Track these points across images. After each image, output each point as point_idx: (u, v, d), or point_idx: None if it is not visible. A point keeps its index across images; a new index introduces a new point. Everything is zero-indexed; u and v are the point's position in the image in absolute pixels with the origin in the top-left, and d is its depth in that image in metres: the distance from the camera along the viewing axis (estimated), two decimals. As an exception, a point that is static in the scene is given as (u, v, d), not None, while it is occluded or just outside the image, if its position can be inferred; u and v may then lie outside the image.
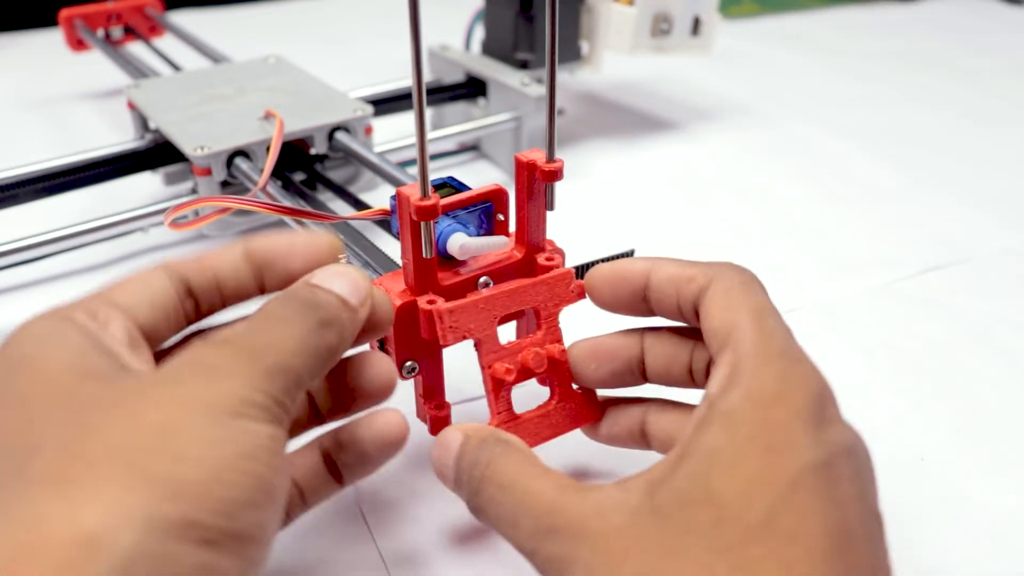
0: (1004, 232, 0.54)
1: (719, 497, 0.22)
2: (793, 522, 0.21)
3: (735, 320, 0.26)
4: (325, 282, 0.26)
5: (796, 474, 0.22)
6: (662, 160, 0.63)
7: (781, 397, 0.24)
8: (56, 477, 0.19)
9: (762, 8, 0.98)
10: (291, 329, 0.24)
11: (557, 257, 0.32)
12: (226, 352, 0.23)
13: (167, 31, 0.73)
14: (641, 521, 0.23)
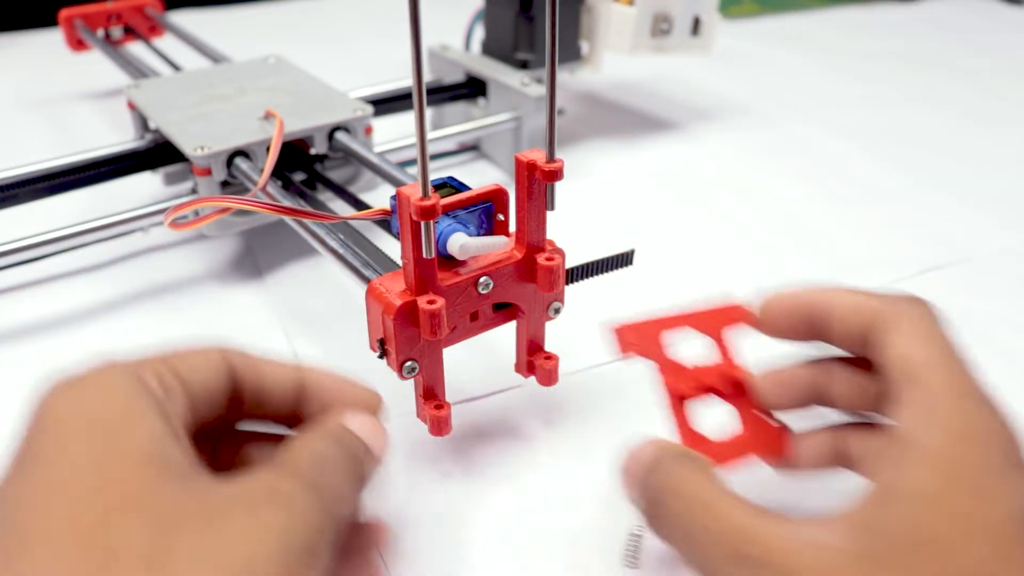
0: (1004, 232, 0.54)
1: (937, 542, 0.22)
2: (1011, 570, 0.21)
3: (925, 356, 0.26)
4: (358, 429, 0.27)
5: (1003, 519, 0.22)
6: (662, 160, 0.63)
7: (979, 437, 0.23)
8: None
9: (762, 8, 0.98)
10: (344, 478, 0.25)
11: (557, 257, 0.32)
12: (299, 488, 0.23)
13: (167, 31, 0.73)
14: (851, 563, 0.22)
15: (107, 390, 0.23)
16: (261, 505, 0.22)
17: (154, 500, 0.21)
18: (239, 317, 0.45)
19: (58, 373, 0.24)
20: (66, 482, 0.21)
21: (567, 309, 0.35)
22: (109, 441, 0.22)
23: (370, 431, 0.27)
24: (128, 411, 0.22)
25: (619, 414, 0.38)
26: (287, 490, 0.23)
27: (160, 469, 0.21)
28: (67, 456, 0.21)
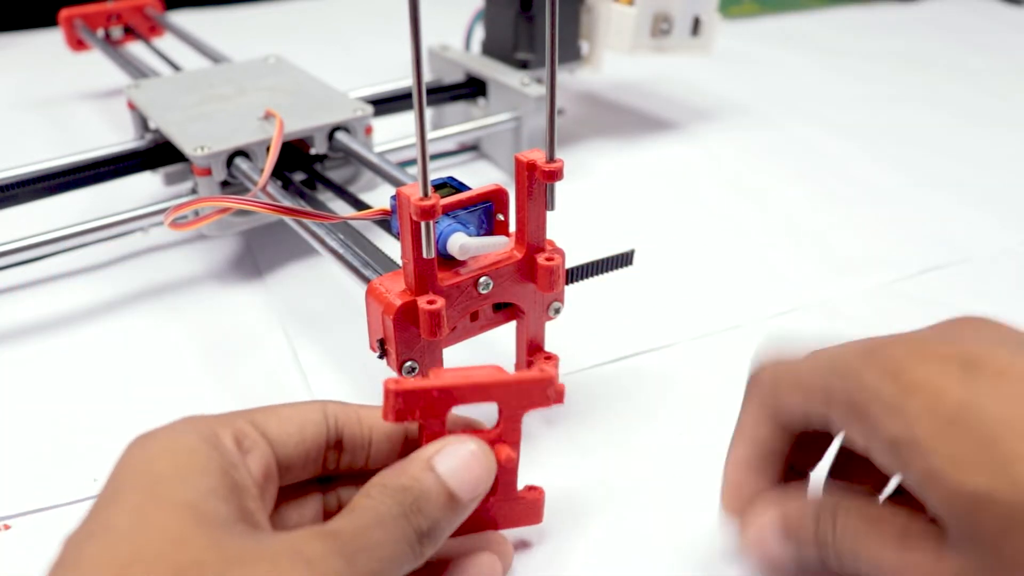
0: (1004, 232, 0.54)
1: None
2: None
3: None
4: (445, 469, 0.26)
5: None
6: (662, 160, 0.63)
7: None
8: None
9: (762, 8, 0.98)
10: (390, 535, 0.24)
11: (557, 257, 0.32)
12: (326, 549, 0.23)
13: (167, 31, 0.73)
14: None
15: (173, 444, 0.24)
16: (282, 562, 0.22)
17: (178, 549, 0.22)
18: (239, 317, 0.45)
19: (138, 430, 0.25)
20: (109, 525, 0.22)
21: (567, 309, 0.35)
22: (156, 491, 0.23)
23: (461, 471, 0.26)
24: (184, 464, 0.23)
25: (619, 414, 0.38)
26: (311, 552, 0.23)
27: (197, 520, 0.22)
28: (117, 503, 0.23)
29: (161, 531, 0.22)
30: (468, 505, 0.26)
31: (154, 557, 0.21)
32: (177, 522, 0.22)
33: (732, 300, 0.46)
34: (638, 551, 0.32)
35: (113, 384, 0.41)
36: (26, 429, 0.38)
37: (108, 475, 0.24)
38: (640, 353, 0.42)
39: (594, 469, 0.35)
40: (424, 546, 0.25)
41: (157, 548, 0.21)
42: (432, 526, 0.25)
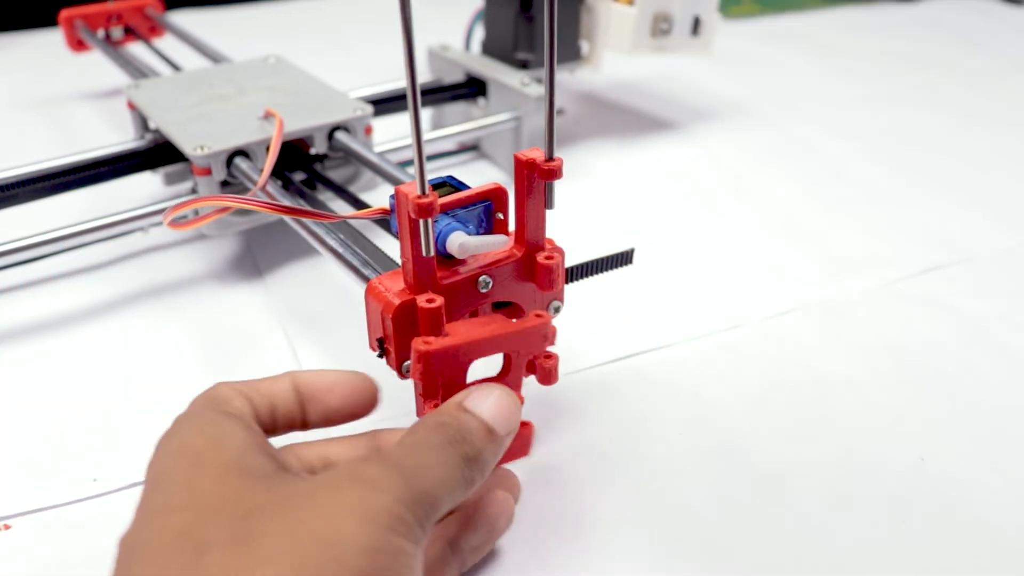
0: (1004, 232, 0.54)
1: None
2: None
3: None
4: (476, 407, 0.27)
5: None
6: (662, 160, 0.63)
7: None
8: (228, 569, 0.21)
9: (762, 8, 0.98)
10: (440, 459, 0.25)
11: (556, 256, 0.32)
12: (382, 468, 0.24)
13: (167, 31, 0.73)
14: None
15: (196, 421, 0.26)
16: (343, 485, 0.23)
17: (237, 499, 0.23)
18: (239, 317, 0.45)
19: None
20: (163, 504, 0.23)
21: (567, 308, 0.35)
22: (196, 462, 0.24)
23: (493, 408, 0.27)
24: (213, 434, 0.25)
25: (619, 414, 0.38)
26: (369, 471, 0.24)
27: (243, 474, 0.24)
28: (164, 484, 0.24)
29: (215, 492, 0.23)
30: (505, 440, 0.27)
31: (215, 513, 0.22)
32: (226, 481, 0.23)
33: (732, 300, 0.46)
34: (639, 550, 0.32)
35: (113, 384, 0.41)
36: (26, 429, 0.38)
37: (145, 475, 0.25)
38: (640, 353, 0.42)
39: (594, 468, 0.35)
40: (473, 471, 0.26)
41: (215, 505, 0.23)
42: (477, 454, 0.26)
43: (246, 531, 0.22)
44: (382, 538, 0.22)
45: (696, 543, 0.32)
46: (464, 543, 0.30)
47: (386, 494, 0.23)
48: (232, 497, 0.23)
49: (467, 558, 0.30)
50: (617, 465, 0.35)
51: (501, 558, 0.31)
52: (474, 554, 0.30)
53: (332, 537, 0.21)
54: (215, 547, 0.21)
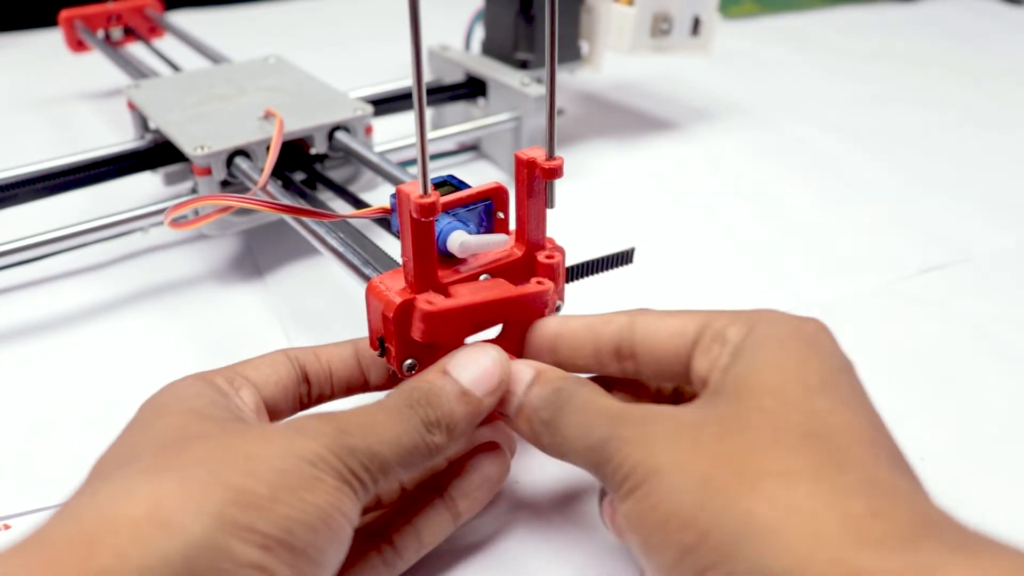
0: (1004, 232, 0.54)
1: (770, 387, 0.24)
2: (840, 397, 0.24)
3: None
4: (455, 368, 0.28)
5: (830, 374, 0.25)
6: (662, 160, 0.63)
7: None
8: (148, 470, 0.23)
9: (762, 8, 0.98)
10: (390, 422, 0.26)
11: (557, 255, 0.32)
12: (318, 422, 0.26)
13: (167, 32, 0.73)
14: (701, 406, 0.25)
15: (175, 388, 0.28)
16: (278, 429, 0.25)
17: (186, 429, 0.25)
18: (239, 317, 0.45)
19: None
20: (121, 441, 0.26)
21: (567, 307, 0.35)
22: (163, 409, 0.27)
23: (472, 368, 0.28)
24: (184, 393, 0.27)
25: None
26: (305, 422, 0.25)
27: (201, 416, 0.26)
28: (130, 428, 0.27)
29: (165, 428, 0.25)
30: (484, 401, 0.28)
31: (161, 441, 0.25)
32: (182, 419, 0.26)
33: (732, 300, 0.46)
34: (638, 550, 0.32)
35: (113, 384, 0.41)
36: (26, 429, 0.38)
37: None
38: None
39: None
40: (435, 435, 0.27)
41: (164, 435, 0.25)
42: (441, 416, 0.27)
43: (179, 446, 0.24)
44: (299, 465, 0.24)
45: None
46: (453, 489, 0.31)
47: (313, 440, 0.24)
48: (181, 428, 0.25)
49: (460, 505, 0.31)
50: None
51: (499, 556, 0.31)
52: (466, 501, 0.31)
53: (249, 455, 0.24)
54: (146, 456, 0.24)
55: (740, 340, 0.26)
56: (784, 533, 0.21)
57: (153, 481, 0.22)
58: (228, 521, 0.22)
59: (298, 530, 0.23)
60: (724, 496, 0.22)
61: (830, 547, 0.21)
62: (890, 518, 0.21)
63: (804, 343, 0.26)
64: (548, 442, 0.28)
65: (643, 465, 0.24)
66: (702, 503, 0.22)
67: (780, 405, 0.24)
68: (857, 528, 0.21)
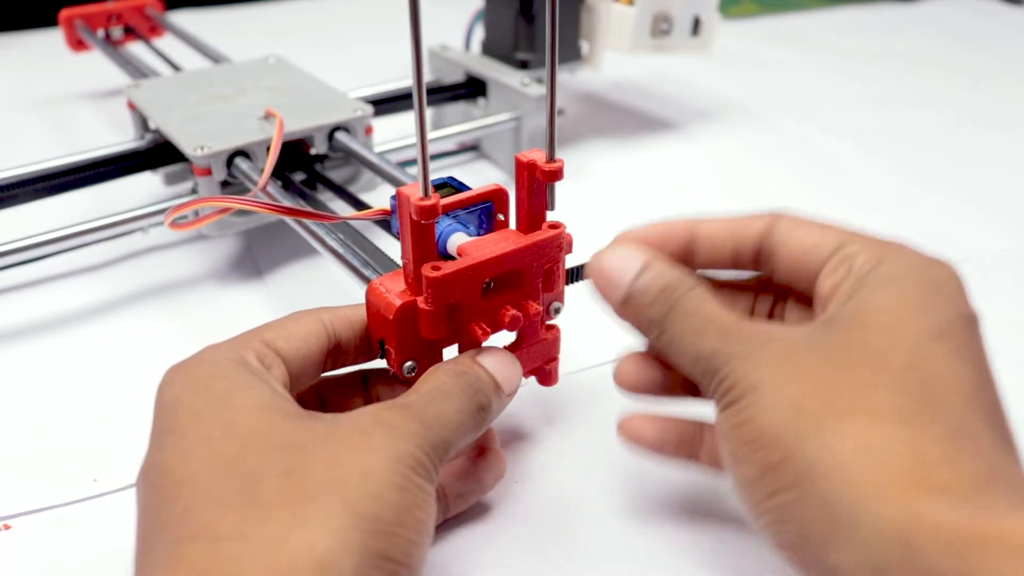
0: (1004, 232, 0.54)
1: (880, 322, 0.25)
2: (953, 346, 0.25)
3: None
4: (489, 364, 0.30)
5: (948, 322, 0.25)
6: (662, 160, 0.63)
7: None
8: (285, 501, 0.23)
9: (762, 8, 0.98)
10: (456, 407, 0.27)
11: (559, 257, 0.32)
12: (405, 417, 0.26)
13: (167, 31, 0.73)
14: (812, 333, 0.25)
15: (214, 368, 0.27)
16: (371, 429, 0.25)
17: (277, 434, 0.24)
18: (239, 317, 0.45)
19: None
20: (201, 439, 0.24)
21: (567, 309, 0.35)
22: (227, 403, 0.25)
23: (501, 367, 0.30)
24: (236, 381, 0.26)
25: (619, 414, 0.38)
26: (392, 418, 0.26)
27: (278, 414, 0.25)
28: (198, 421, 0.25)
29: (255, 427, 0.24)
30: (508, 399, 0.30)
31: (260, 446, 0.24)
32: (263, 419, 0.25)
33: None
34: (640, 549, 0.32)
35: (113, 384, 0.41)
36: (26, 429, 0.38)
37: (157, 405, 0.26)
38: (640, 353, 0.42)
39: (595, 468, 0.35)
40: (483, 419, 0.28)
41: (258, 439, 0.24)
42: (488, 403, 0.29)
43: (293, 463, 0.24)
44: (409, 477, 0.24)
45: (700, 540, 0.32)
46: (451, 490, 0.32)
47: (409, 440, 0.25)
48: (272, 432, 0.24)
49: (452, 504, 0.32)
50: (618, 464, 0.35)
51: (497, 555, 0.31)
52: (459, 501, 0.32)
53: (367, 473, 0.24)
54: (269, 477, 0.23)
55: (866, 271, 0.26)
56: (855, 470, 0.22)
57: (300, 521, 0.22)
58: (371, 553, 0.22)
59: (414, 551, 0.24)
60: (811, 424, 0.23)
61: (895, 489, 0.21)
62: (961, 467, 0.22)
63: (930, 286, 0.26)
64: (655, 339, 0.28)
65: (744, 381, 0.25)
66: (790, 427, 0.23)
67: (888, 345, 0.24)
68: (926, 474, 0.22)
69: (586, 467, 0.35)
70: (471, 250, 0.30)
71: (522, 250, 0.31)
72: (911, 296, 0.25)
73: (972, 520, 0.20)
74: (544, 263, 0.31)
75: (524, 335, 0.33)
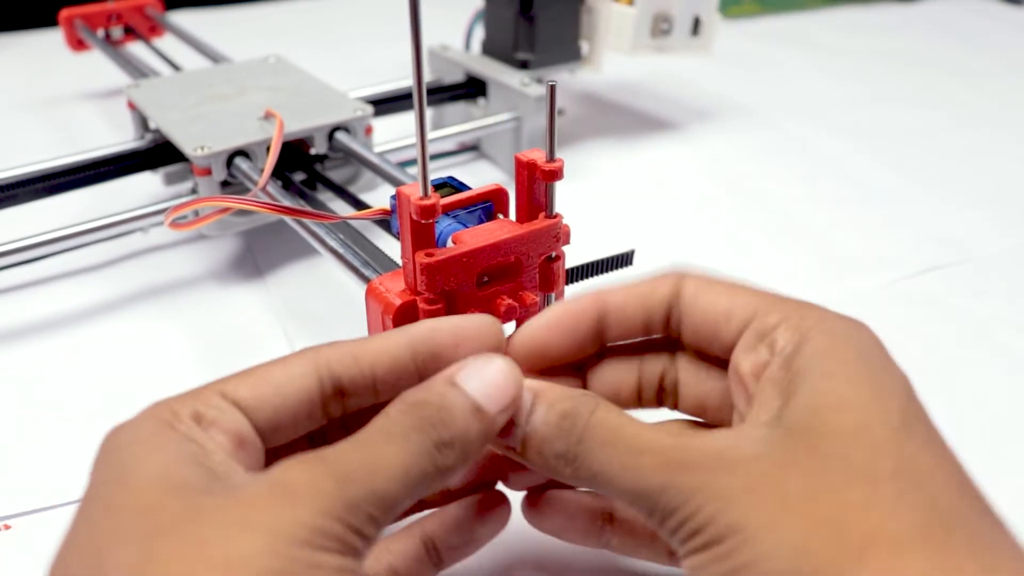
0: (1003, 232, 0.54)
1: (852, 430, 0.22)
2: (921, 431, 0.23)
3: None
4: (466, 381, 0.24)
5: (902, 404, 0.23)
6: (662, 160, 0.63)
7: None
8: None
9: (762, 8, 0.98)
10: (397, 451, 0.22)
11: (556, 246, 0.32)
12: (311, 475, 0.21)
13: (167, 31, 0.73)
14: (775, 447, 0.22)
15: (135, 433, 0.23)
16: (260, 498, 0.21)
17: (150, 516, 0.21)
18: (239, 317, 0.45)
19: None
20: (84, 514, 0.22)
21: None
22: (120, 476, 0.22)
23: (484, 382, 0.24)
24: (144, 448, 0.22)
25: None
26: (295, 478, 0.21)
27: (165, 489, 0.21)
28: (93, 501, 0.22)
29: (133, 509, 0.21)
30: (497, 418, 0.24)
31: (124, 535, 0.20)
32: (147, 494, 0.21)
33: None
34: (638, 551, 0.32)
35: (113, 384, 0.41)
36: (26, 429, 0.38)
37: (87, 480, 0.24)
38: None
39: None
40: (447, 457, 0.23)
41: (127, 525, 0.21)
42: (455, 436, 0.23)
43: (142, 555, 0.20)
44: (293, 557, 0.20)
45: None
46: (442, 543, 0.28)
47: (306, 507, 0.20)
48: (147, 514, 0.21)
49: (445, 557, 0.28)
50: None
51: (498, 555, 0.31)
52: (453, 554, 0.28)
53: (229, 561, 0.19)
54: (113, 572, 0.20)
55: (792, 350, 0.24)
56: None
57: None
58: None
59: None
60: (829, 567, 0.20)
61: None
62: None
63: (866, 361, 0.24)
64: (572, 477, 0.24)
65: (719, 521, 0.21)
66: (803, 572, 0.20)
67: (869, 453, 0.22)
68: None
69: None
70: (466, 238, 0.30)
71: (518, 238, 0.30)
72: (859, 382, 0.23)
73: None
74: (541, 253, 0.31)
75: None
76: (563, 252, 0.33)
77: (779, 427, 0.23)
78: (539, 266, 0.32)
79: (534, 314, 0.30)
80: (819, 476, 0.21)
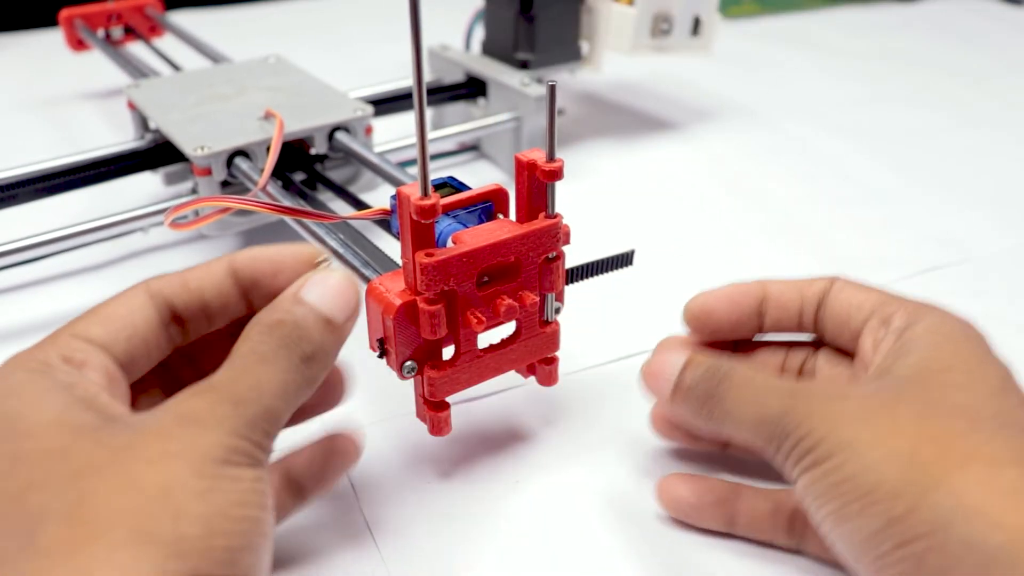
0: (1003, 232, 0.54)
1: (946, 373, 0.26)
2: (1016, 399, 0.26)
3: None
4: (310, 295, 0.26)
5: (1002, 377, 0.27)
6: (662, 160, 0.63)
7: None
8: (65, 548, 0.20)
9: (762, 8, 0.98)
10: (274, 371, 0.24)
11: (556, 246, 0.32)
12: (210, 402, 0.23)
13: (167, 31, 0.73)
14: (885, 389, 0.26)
15: (4, 384, 0.24)
16: (171, 429, 0.22)
17: (70, 459, 0.21)
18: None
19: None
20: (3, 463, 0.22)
21: (567, 309, 0.35)
22: (14, 427, 0.22)
23: (329, 296, 0.26)
24: (28, 396, 0.23)
25: (619, 414, 0.38)
26: (195, 408, 0.23)
27: (72, 431, 0.22)
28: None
29: (44, 454, 0.22)
30: (345, 326, 0.27)
31: (44, 477, 0.21)
32: (54, 440, 0.22)
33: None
34: (641, 550, 0.32)
35: (113, 384, 0.41)
36: (26, 429, 0.38)
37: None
38: (640, 353, 0.42)
39: (595, 468, 0.35)
40: (312, 369, 0.25)
41: (46, 470, 0.21)
42: (316, 350, 0.25)
43: (78, 495, 0.21)
44: (217, 476, 0.21)
45: (696, 542, 0.32)
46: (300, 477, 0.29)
47: (216, 431, 0.22)
48: (63, 456, 0.21)
49: (309, 488, 0.30)
50: (618, 465, 0.35)
51: (497, 555, 0.31)
52: (317, 484, 0.30)
53: (165, 488, 0.21)
54: (51, 518, 0.20)
55: (904, 327, 0.28)
56: (995, 512, 0.23)
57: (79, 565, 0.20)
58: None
59: (242, 557, 0.21)
60: (932, 473, 0.24)
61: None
62: None
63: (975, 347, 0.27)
64: (708, 413, 0.29)
65: (830, 439, 0.25)
66: (910, 477, 0.24)
67: (972, 399, 0.25)
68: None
69: (586, 467, 0.35)
70: (466, 238, 0.30)
71: (518, 238, 0.30)
72: (965, 356, 0.27)
73: None
74: (541, 253, 0.31)
75: (521, 327, 0.33)
76: (563, 252, 0.33)
77: (890, 377, 0.27)
78: (539, 266, 0.32)
79: (534, 314, 0.32)
80: (927, 408, 0.25)
